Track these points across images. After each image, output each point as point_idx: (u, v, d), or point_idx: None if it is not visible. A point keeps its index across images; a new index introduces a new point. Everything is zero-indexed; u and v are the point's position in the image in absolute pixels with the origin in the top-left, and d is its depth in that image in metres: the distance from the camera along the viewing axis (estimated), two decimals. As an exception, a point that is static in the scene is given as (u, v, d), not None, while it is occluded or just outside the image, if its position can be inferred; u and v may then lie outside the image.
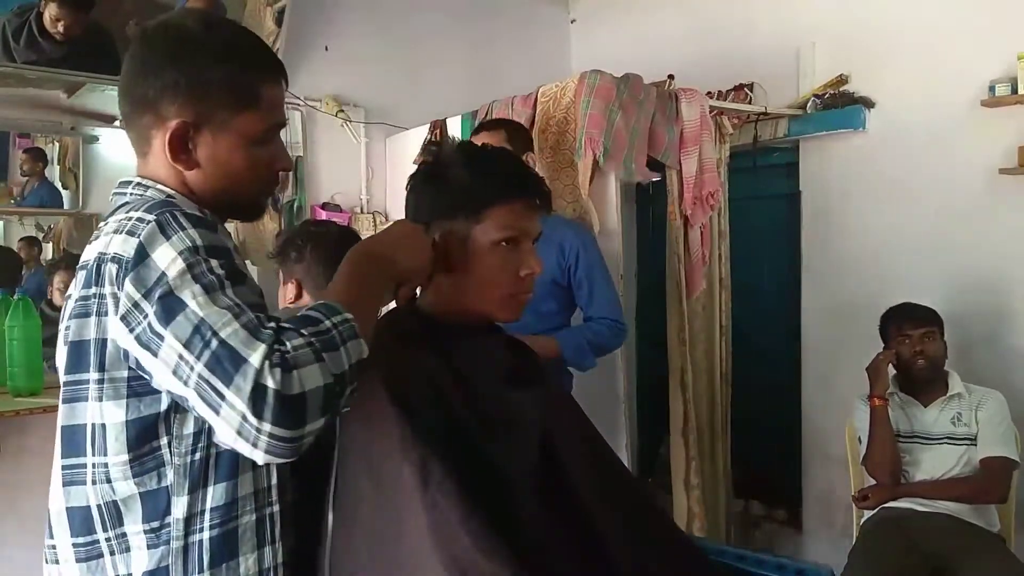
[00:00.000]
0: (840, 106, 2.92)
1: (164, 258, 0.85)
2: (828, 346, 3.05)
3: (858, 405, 2.43)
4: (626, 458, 2.42)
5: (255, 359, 0.79)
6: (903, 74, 2.81)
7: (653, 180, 2.75)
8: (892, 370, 2.40)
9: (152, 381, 0.87)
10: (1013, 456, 2.24)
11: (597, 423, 1.32)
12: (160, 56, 0.96)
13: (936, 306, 2.41)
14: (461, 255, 1.11)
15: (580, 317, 2.23)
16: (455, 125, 2.84)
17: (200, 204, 0.97)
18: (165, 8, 2.65)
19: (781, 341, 3.21)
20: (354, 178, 3.19)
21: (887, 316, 2.44)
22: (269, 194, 1.10)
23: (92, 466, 0.91)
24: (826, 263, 3.05)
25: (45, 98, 2.52)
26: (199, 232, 0.87)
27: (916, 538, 2.23)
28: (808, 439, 3.12)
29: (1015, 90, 2.50)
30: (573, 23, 3.96)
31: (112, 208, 0.98)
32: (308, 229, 1.85)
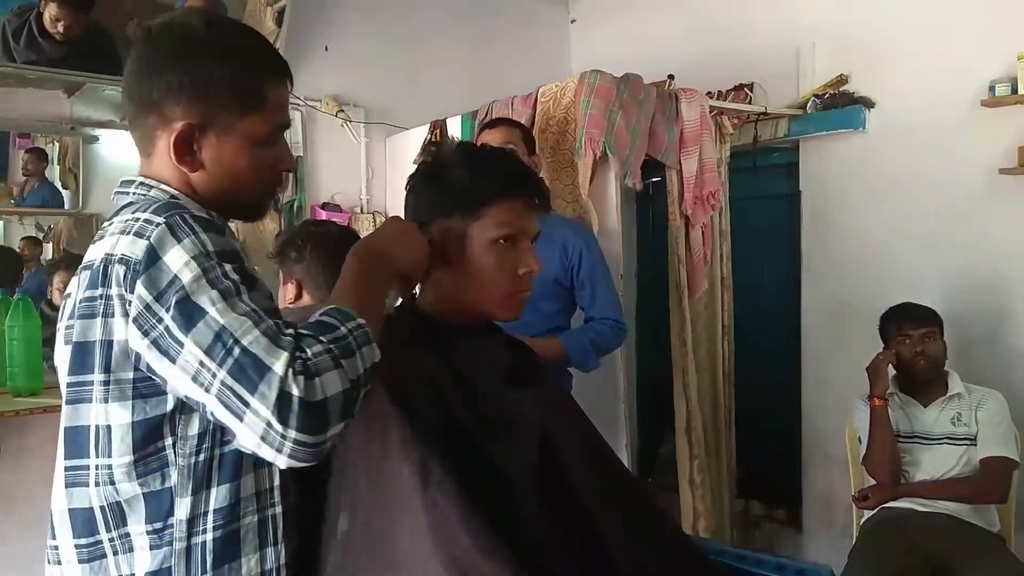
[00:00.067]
0: (840, 106, 2.92)
1: (176, 261, 0.85)
2: (828, 346, 3.05)
3: (858, 405, 2.43)
4: (626, 458, 2.42)
5: (279, 367, 0.80)
6: (903, 74, 2.81)
7: (652, 182, 2.74)
8: (892, 370, 2.40)
9: (166, 386, 0.87)
10: (1013, 456, 2.24)
11: (597, 423, 1.32)
12: (165, 56, 0.95)
13: (936, 306, 2.41)
14: (460, 253, 1.12)
15: (580, 317, 2.23)
16: (455, 125, 2.84)
17: (203, 204, 0.97)
18: (165, 8, 2.65)
19: (781, 341, 3.21)
20: (354, 178, 3.19)
21: (887, 316, 2.44)
22: (272, 195, 1.10)
23: (95, 467, 0.91)
24: (826, 263, 3.05)
25: (45, 98, 2.52)
26: (210, 236, 0.87)
27: (916, 538, 2.23)
28: (808, 439, 3.12)
29: (1015, 90, 2.50)
30: (573, 23, 3.96)
31: (115, 208, 0.98)
32: (308, 229, 1.85)
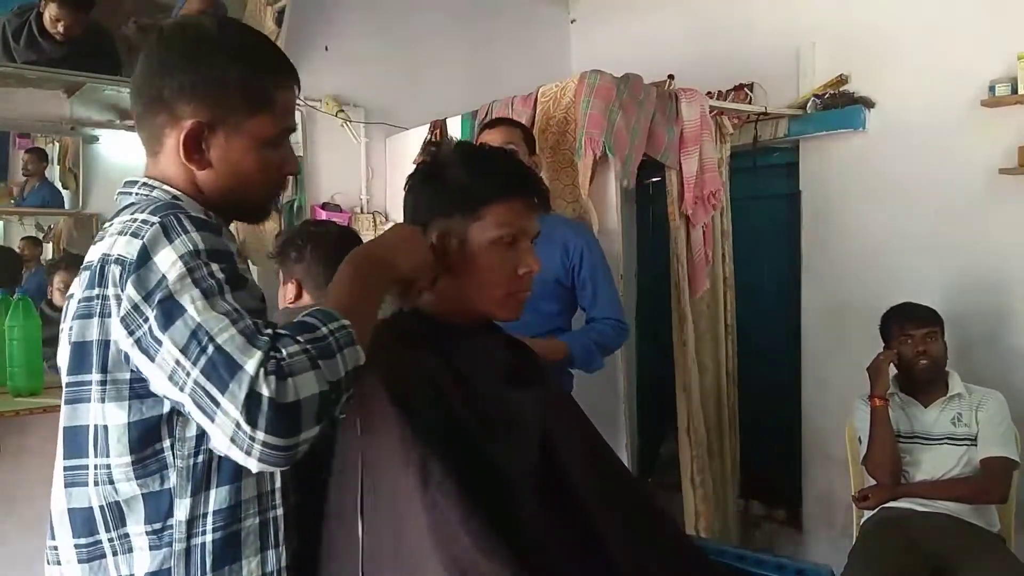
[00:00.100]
0: (840, 106, 2.92)
1: (165, 261, 0.85)
2: (828, 346, 3.04)
3: (858, 405, 2.43)
4: (626, 458, 2.42)
5: (250, 366, 0.79)
6: (903, 74, 2.81)
7: (652, 182, 2.74)
8: (892, 370, 2.40)
9: (150, 385, 0.87)
10: (1013, 456, 2.24)
11: (597, 423, 1.32)
12: (177, 56, 0.96)
13: (936, 306, 2.41)
14: (459, 254, 1.11)
15: (581, 317, 2.23)
16: (455, 125, 2.84)
17: (208, 205, 0.97)
18: (165, 8, 2.65)
19: (781, 341, 3.21)
20: (354, 178, 3.18)
21: (888, 316, 2.44)
22: (276, 197, 1.11)
23: (94, 467, 0.91)
24: (826, 263, 3.05)
25: (45, 98, 2.52)
26: (202, 235, 0.87)
27: (916, 538, 2.23)
28: (808, 439, 3.12)
29: (1015, 90, 2.50)
30: (573, 23, 3.95)
31: (117, 208, 0.98)
32: (308, 229, 1.85)
